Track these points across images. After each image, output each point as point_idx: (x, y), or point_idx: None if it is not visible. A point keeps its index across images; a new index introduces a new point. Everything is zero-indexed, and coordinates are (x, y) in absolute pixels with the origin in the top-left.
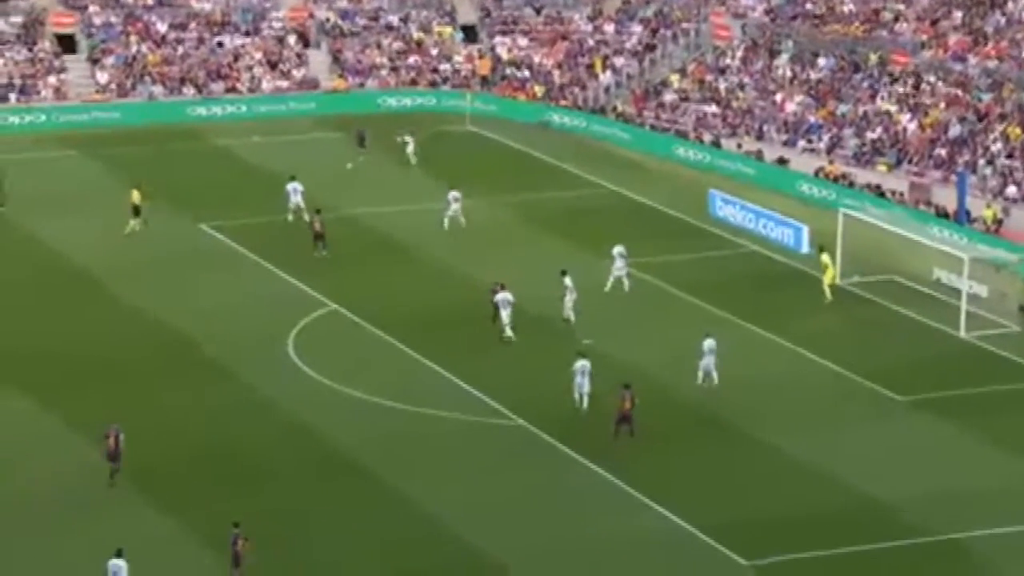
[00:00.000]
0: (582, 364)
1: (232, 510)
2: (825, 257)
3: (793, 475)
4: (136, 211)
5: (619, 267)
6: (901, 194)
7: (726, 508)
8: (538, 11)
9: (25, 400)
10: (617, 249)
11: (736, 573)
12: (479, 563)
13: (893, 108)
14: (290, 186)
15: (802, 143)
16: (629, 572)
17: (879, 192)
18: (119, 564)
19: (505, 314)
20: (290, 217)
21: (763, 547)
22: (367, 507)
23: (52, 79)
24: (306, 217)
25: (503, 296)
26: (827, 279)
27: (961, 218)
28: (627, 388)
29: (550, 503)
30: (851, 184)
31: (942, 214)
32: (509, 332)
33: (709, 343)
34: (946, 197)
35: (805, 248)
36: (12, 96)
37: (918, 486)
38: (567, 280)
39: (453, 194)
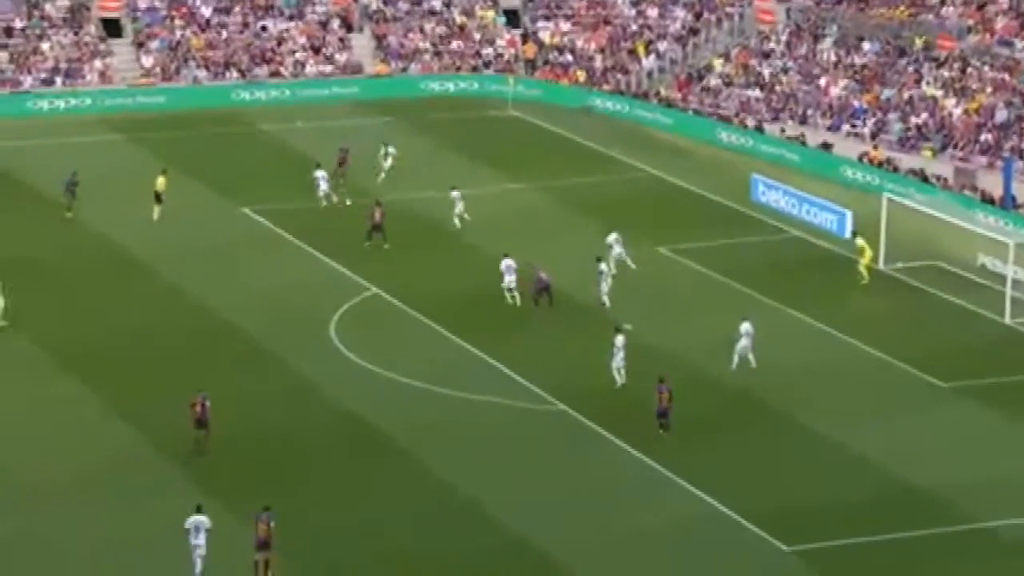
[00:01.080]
0: (620, 339)
1: (273, 493)
2: (860, 240)
3: (835, 462)
4: (158, 198)
5: (617, 252)
6: (946, 179)
7: (768, 494)
8: None
9: (68, 384)
10: (611, 237)
11: (778, 559)
12: (520, 549)
13: (938, 93)
14: (318, 173)
15: (846, 128)
16: (670, 558)
17: (923, 177)
18: (201, 519)
19: (509, 280)
20: (323, 203)
21: (805, 533)
22: (407, 491)
23: (97, 63)
24: (333, 199)
25: (507, 263)
26: (864, 261)
27: (1007, 203)
28: (662, 382)
29: (591, 489)
30: (895, 169)
31: (987, 199)
32: (513, 297)
33: (746, 326)
34: (992, 182)
35: (848, 234)
36: (58, 80)
37: (961, 473)
38: (602, 266)
39: (455, 193)
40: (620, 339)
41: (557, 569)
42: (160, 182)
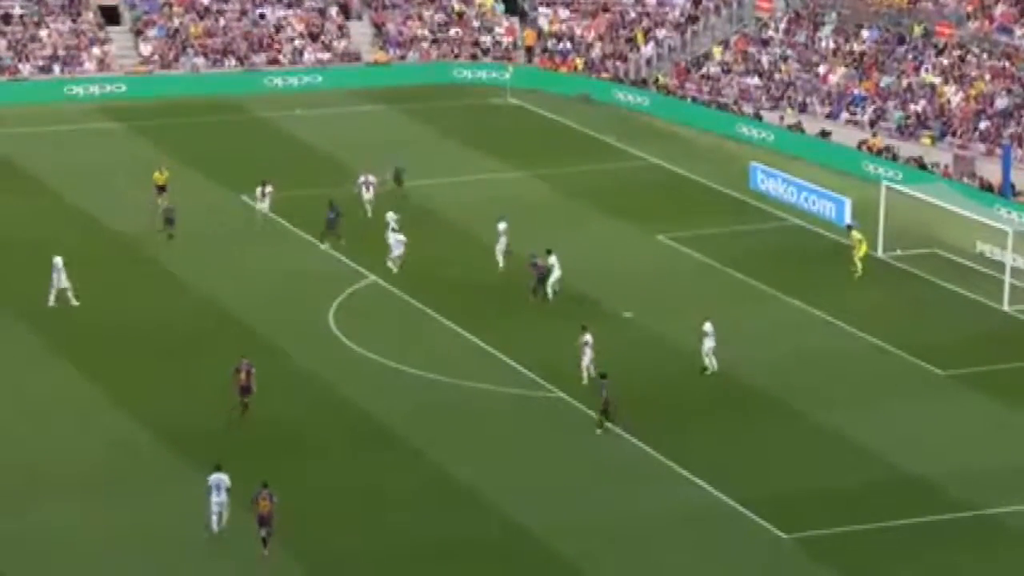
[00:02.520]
0: (588, 337)
1: (272, 479)
2: (857, 233)
3: (834, 449)
4: (161, 189)
5: (503, 243)
6: (945, 167)
7: (766, 482)
8: None
9: (68, 369)
10: (501, 225)
11: (776, 546)
12: (517, 535)
13: (937, 80)
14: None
15: (845, 116)
16: (669, 545)
17: (922, 165)
18: (221, 477)
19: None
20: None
21: (803, 521)
22: (406, 478)
23: (96, 51)
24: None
25: (502, 225)
26: (859, 253)
27: (1006, 191)
28: (603, 378)
29: (589, 476)
30: (894, 157)
31: (986, 187)
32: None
33: (708, 327)
34: (991, 170)
35: (848, 221)
36: (56, 68)
37: (959, 461)
38: (552, 259)
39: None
40: (587, 337)
41: (554, 555)
42: (160, 177)
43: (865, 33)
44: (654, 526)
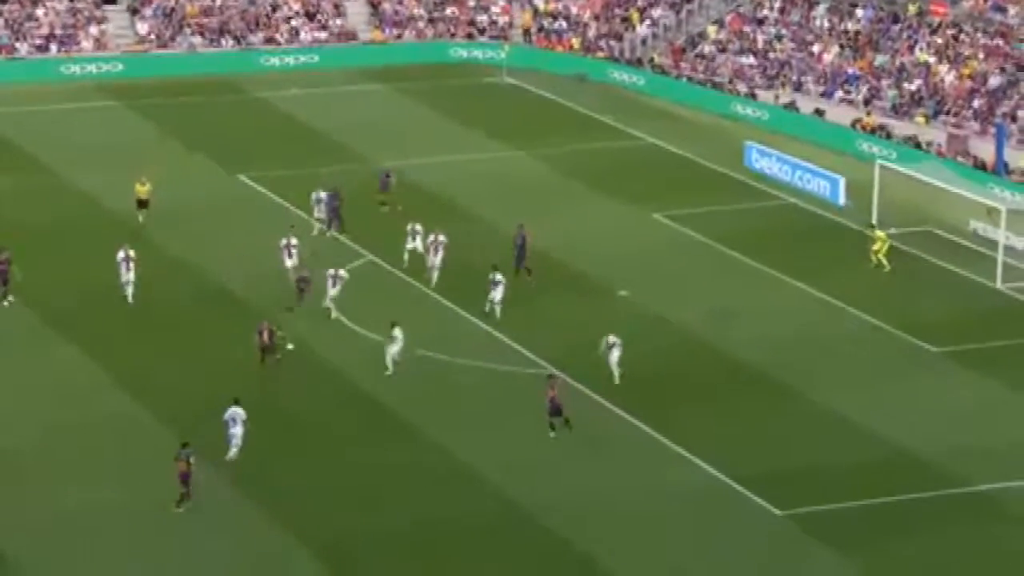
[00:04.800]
0: (397, 331)
1: (270, 457)
2: (880, 232)
3: (828, 427)
4: (141, 204)
5: (411, 246)
6: (939, 145)
7: (761, 460)
8: None
9: (69, 348)
10: (411, 226)
11: (771, 523)
12: (515, 513)
13: (932, 59)
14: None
15: (839, 94)
16: (665, 523)
17: (916, 144)
18: (237, 411)
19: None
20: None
21: (798, 498)
22: (403, 455)
23: (92, 30)
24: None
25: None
26: (876, 247)
27: (999, 169)
28: (552, 378)
29: (587, 454)
30: (888, 136)
31: (980, 165)
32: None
33: (612, 338)
34: (984, 148)
35: (842, 200)
36: (53, 47)
37: (953, 437)
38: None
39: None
40: (397, 330)
41: (549, 532)
42: (140, 189)
43: (859, 12)
44: (649, 504)
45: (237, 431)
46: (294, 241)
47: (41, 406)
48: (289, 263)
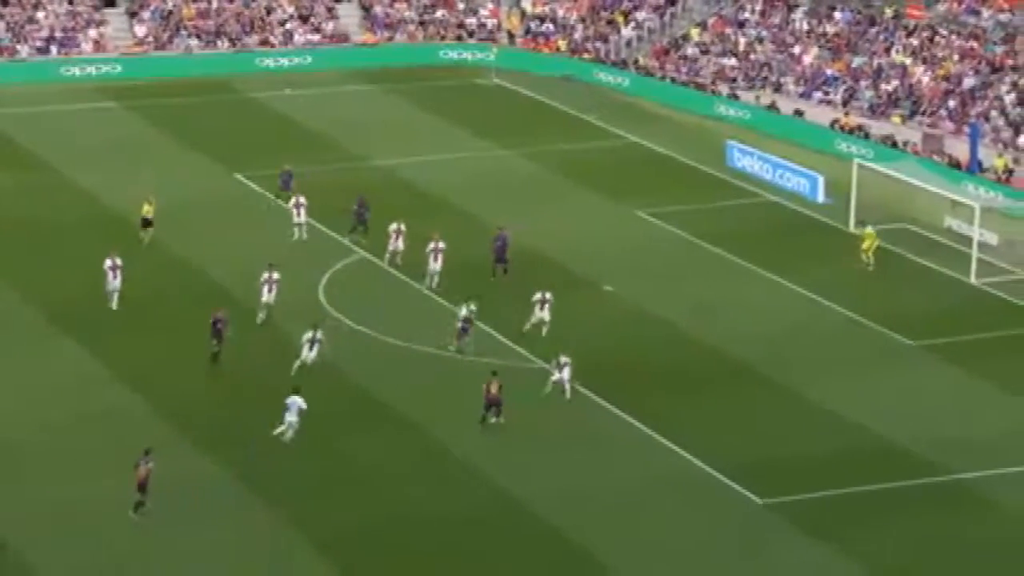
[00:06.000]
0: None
1: (264, 451)
2: (869, 229)
3: (807, 418)
4: (146, 223)
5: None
6: (915, 145)
7: (743, 450)
8: None
9: (67, 342)
10: (396, 226)
11: (751, 511)
12: (502, 503)
13: (908, 60)
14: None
15: (818, 95)
16: (648, 511)
17: (893, 143)
18: (295, 399)
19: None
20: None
21: (777, 486)
22: (397, 449)
23: (92, 32)
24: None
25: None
26: (864, 246)
27: (973, 168)
28: (495, 375)
29: (571, 444)
30: (866, 135)
31: (955, 164)
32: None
33: (564, 359)
34: (959, 147)
35: (821, 197)
36: (53, 49)
37: (928, 428)
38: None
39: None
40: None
41: (538, 521)
42: (146, 208)
43: (838, 15)
44: (633, 493)
45: (292, 419)
46: (276, 276)
47: (41, 400)
48: (266, 298)
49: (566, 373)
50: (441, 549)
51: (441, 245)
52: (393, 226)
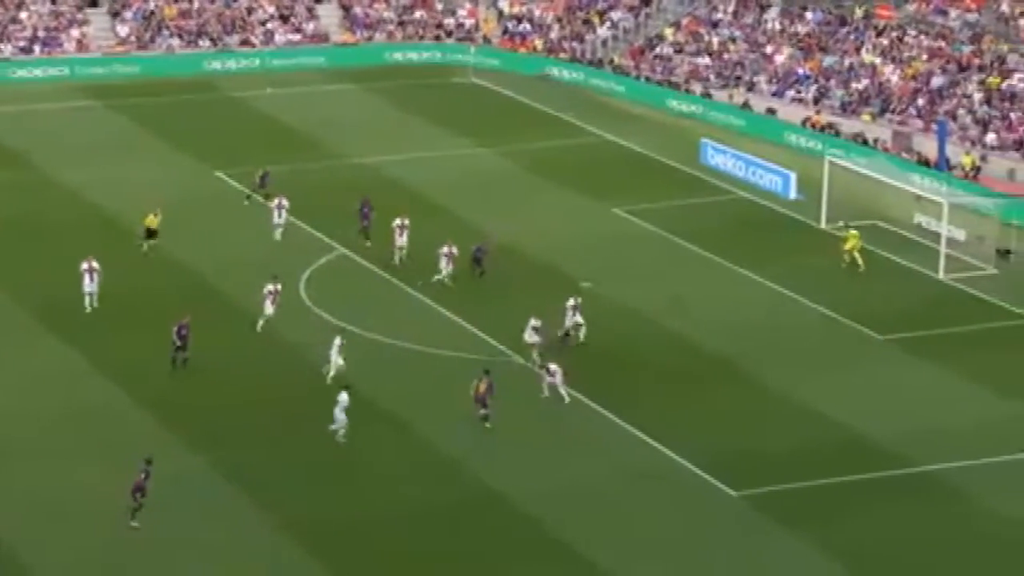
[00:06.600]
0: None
1: (248, 446)
2: (852, 231)
3: (780, 411)
4: (151, 233)
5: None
6: (885, 142)
7: (717, 443)
8: None
9: (47, 340)
10: (400, 221)
11: (726, 503)
12: (478, 494)
13: (877, 60)
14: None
15: (790, 94)
16: (625, 504)
17: (864, 140)
18: (341, 396)
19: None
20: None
21: (752, 479)
22: (384, 446)
23: (75, 32)
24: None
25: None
26: (847, 246)
27: (941, 165)
28: (487, 373)
29: (548, 437)
30: (837, 133)
31: (923, 162)
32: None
33: (552, 367)
34: (927, 145)
35: (793, 194)
36: (36, 48)
37: (897, 420)
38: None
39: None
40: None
41: (517, 514)
42: (152, 220)
43: (809, 15)
44: (610, 485)
45: (340, 416)
46: (279, 287)
47: (27, 395)
48: (269, 311)
49: (558, 378)
50: (428, 544)
51: (454, 250)
52: (396, 222)
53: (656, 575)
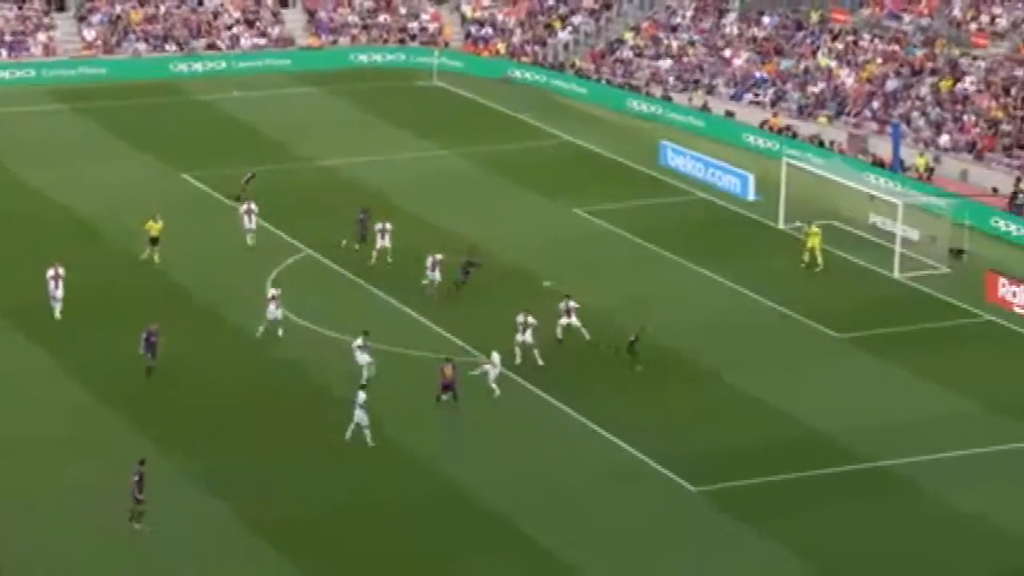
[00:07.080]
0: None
1: (218, 446)
2: (814, 228)
3: (738, 408)
4: (153, 241)
5: (381, 243)
6: (841, 144)
7: (676, 439)
8: None
9: (19, 341)
10: (382, 225)
11: (685, 498)
12: (448, 495)
13: (833, 63)
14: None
15: (748, 97)
16: (584, 499)
17: (820, 142)
18: (358, 393)
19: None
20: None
21: (711, 475)
22: (346, 443)
23: (41, 36)
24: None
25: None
26: (809, 245)
27: (895, 166)
28: (448, 361)
29: (512, 434)
30: (794, 135)
31: (878, 163)
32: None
33: (495, 356)
34: (882, 147)
35: (751, 195)
36: (3, 52)
37: (853, 417)
38: (495, 357)
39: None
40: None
41: (482, 510)
42: (153, 226)
43: (766, 19)
44: (570, 481)
45: (362, 415)
46: (279, 292)
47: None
48: (272, 314)
49: (492, 373)
50: (399, 542)
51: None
52: (379, 225)
53: (619, 568)
